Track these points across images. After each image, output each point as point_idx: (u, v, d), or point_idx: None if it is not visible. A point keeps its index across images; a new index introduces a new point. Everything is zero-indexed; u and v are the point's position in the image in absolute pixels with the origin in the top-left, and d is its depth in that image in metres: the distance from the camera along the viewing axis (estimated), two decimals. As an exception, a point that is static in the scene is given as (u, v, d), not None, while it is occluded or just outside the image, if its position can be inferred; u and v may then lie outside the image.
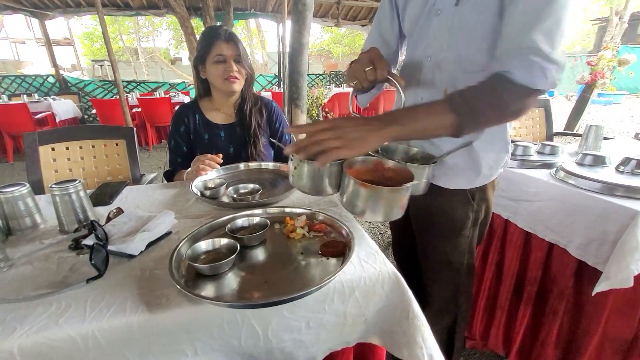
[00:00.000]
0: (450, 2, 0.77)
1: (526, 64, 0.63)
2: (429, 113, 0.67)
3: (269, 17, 7.59)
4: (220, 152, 1.30)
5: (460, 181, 0.88)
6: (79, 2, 6.41)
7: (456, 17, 0.76)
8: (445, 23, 0.79)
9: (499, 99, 0.65)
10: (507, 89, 0.65)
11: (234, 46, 1.24)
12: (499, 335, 1.34)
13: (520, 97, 0.65)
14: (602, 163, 1.17)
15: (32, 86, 7.49)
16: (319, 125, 0.62)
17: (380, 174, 0.75)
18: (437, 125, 0.66)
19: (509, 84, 0.64)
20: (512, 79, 0.64)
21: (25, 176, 1.42)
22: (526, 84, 0.63)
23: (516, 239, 1.24)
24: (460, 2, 0.75)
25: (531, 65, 0.63)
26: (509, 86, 0.64)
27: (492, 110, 0.67)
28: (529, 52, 0.63)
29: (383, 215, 0.66)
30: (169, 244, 0.74)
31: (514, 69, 0.64)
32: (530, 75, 0.63)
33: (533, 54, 0.62)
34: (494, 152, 0.87)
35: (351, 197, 0.67)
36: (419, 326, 0.64)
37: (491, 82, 0.66)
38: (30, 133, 1.43)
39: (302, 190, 0.76)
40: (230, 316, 0.57)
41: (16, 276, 0.65)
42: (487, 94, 0.66)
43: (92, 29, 17.51)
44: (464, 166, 0.87)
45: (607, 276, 0.90)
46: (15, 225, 0.83)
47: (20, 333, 0.50)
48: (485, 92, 0.66)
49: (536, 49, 0.62)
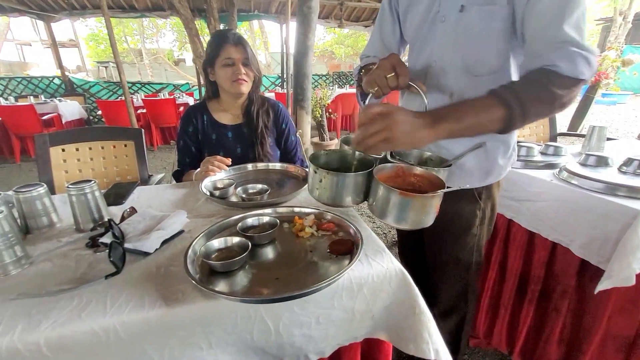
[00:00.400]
0: (455, 8, 0.79)
1: (569, 56, 0.64)
2: (479, 108, 0.66)
3: (273, 19, 7.62)
4: (227, 152, 1.33)
5: (471, 181, 0.91)
6: (84, 4, 6.47)
7: (461, 23, 0.79)
8: (450, 29, 0.81)
9: (549, 92, 0.65)
10: (556, 82, 0.65)
11: (242, 50, 1.27)
12: (502, 333, 1.35)
13: (569, 88, 0.66)
14: (605, 164, 1.18)
15: (39, 88, 7.57)
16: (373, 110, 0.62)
17: (403, 179, 0.77)
18: (489, 120, 0.66)
19: (556, 77, 0.65)
20: (558, 72, 0.64)
21: (32, 176, 1.46)
22: (573, 75, 0.64)
23: (519, 239, 1.26)
24: (464, 9, 0.77)
25: (573, 56, 0.64)
26: (557, 79, 0.65)
27: (542, 103, 0.67)
28: (567, 45, 0.64)
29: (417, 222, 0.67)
30: (182, 242, 0.77)
31: (559, 62, 0.64)
32: (575, 66, 0.64)
33: (571, 46, 0.64)
34: (507, 151, 0.90)
35: (386, 205, 0.67)
36: (425, 322, 0.66)
37: (538, 76, 0.66)
38: (41, 134, 1.46)
39: (325, 202, 0.77)
40: (243, 311, 0.60)
41: (37, 273, 0.67)
42: (536, 87, 0.66)
43: (97, 30, 17.64)
44: (477, 167, 0.89)
45: (609, 275, 0.91)
46: (33, 224, 0.86)
47: (46, 326, 0.53)
48: (534, 85, 0.66)
49: (572, 41, 0.64)
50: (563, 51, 0.65)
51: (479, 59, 0.80)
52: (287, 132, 1.48)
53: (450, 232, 0.98)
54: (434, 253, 1.04)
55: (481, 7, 0.75)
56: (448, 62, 0.84)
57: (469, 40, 0.79)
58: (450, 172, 0.90)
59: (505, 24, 0.74)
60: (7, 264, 0.66)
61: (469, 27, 0.78)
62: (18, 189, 0.85)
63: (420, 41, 0.90)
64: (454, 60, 0.83)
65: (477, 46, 0.79)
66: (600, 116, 7.96)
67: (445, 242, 1.00)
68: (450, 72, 0.84)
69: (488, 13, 0.74)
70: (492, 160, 0.90)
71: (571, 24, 0.65)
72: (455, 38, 0.81)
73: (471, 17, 0.77)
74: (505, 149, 0.90)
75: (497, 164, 0.90)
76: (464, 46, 0.80)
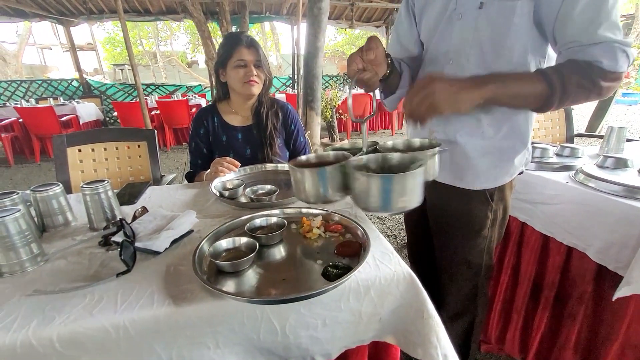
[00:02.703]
0: (474, 5, 0.77)
1: (611, 52, 0.67)
2: (525, 80, 0.70)
3: (284, 20, 7.67)
4: (237, 154, 1.34)
5: (484, 181, 0.90)
6: (102, 9, 6.66)
7: (480, 20, 0.78)
8: (468, 26, 0.80)
9: (591, 81, 0.68)
10: (599, 74, 0.68)
11: (254, 52, 1.28)
12: (515, 339, 1.32)
13: (611, 81, 0.69)
14: (624, 166, 1.14)
15: (58, 90, 7.83)
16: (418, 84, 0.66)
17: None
18: (530, 92, 0.70)
19: (599, 70, 0.67)
20: (602, 67, 0.67)
21: (50, 176, 1.50)
22: (615, 69, 0.67)
23: (533, 242, 1.23)
24: (484, 5, 0.76)
25: (615, 51, 0.66)
26: (600, 72, 0.67)
27: (583, 89, 0.69)
28: (609, 40, 0.67)
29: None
30: (192, 242, 0.78)
31: (601, 58, 0.67)
32: (616, 61, 0.67)
33: (612, 41, 0.67)
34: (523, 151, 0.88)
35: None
36: (433, 326, 0.65)
37: (584, 65, 0.68)
38: (59, 135, 1.50)
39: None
40: (250, 311, 0.60)
41: (52, 270, 0.69)
42: (580, 73, 0.68)
43: (113, 34, 18.11)
44: (492, 166, 0.88)
45: (628, 281, 0.88)
46: (49, 222, 0.88)
47: (59, 322, 0.54)
48: (579, 72, 0.68)
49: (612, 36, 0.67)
50: (605, 45, 0.67)
51: (499, 56, 0.79)
52: (296, 133, 1.48)
53: (460, 234, 0.96)
54: (444, 254, 1.03)
55: (503, 3, 0.74)
56: (465, 59, 0.83)
57: (489, 37, 0.78)
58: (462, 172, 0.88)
59: (526, 19, 0.74)
60: (24, 260, 0.68)
61: (489, 24, 0.77)
62: (35, 188, 0.88)
63: (436, 39, 0.89)
64: (471, 58, 0.82)
65: (497, 43, 0.78)
66: (620, 116, 7.70)
67: (455, 243, 0.98)
68: (467, 69, 0.83)
69: (510, 9, 0.73)
70: (507, 160, 0.88)
71: (609, 24, 0.67)
72: (474, 35, 0.79)
73: (491, 14, 0.76)
74: (521, 148, 0.88)
75: (512, 164, 0.89)
76: (483, 43, 0.79)
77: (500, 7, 0.75)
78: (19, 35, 12.09)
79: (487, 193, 0.91)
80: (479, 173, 0.89)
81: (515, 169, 0.90)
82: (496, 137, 0.85)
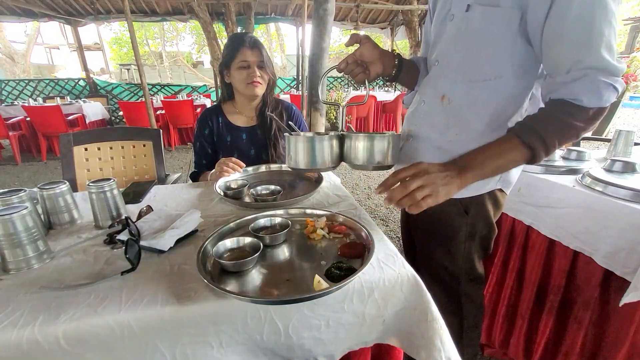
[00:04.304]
0: (462, 7, 0.76)
1: (593, 86, 0.61)
2: (502, 152, 0.68)
3: (289, 21, 7.70)
4: (241, 154, 1.34)
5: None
6: (109, 9, 6.73)
7: (464, 23, 0.76)
8: (455, 28, 0.78)
9: (571, 127, 0.64)
10: (578, 115, 0.63)
11: (258, 53, 1.28)
12: (519, 344, 1.31)
13: (593, 119, 0.64)
14: (632, 170, 1.12)
15: (65, 89, 7.90)
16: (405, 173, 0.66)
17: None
18: (511, 160, 0.68)
19: (578, 110, 0.63)
20: (581, 105, 0.62)
21: (57, 174, 1.52)
22: (597, 105, 0.62)
23: (539, 246, 1.21)
24: (470, 8, 0.74)
25: (599, 86, 0.61)
26: (579, 113, 0.63)
27: (564, 137, 0.66)
28: (594, 72, 0.61)
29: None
30: (196, 241, 0.78)
31: (582, 95, 0.62)
32: (600, 97, 0.61)
33: (598, 73, 0.61)
34: None
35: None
36: (437, 329, 0.64)
37: (559, 112, 0.65)
38: (65, 134, 1.52)
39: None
40: (253, 311, 0.60)
41: (58, 267, 0.70)
42: (557, 124, 0.65)
43: (120, 34, 18.27)
44: None
45: (636, 286, 0.87)
46: (56, 220, 0.89)
47: (64, 319, 0.54)
48: (556, 123, 0.65)
49: (599, 67, 0.60)
50: (587, 81, 0.61)
51: (474, 63, 0.76)
52: (299, 134, 1.48)
53: (435, 239, 0.94)
54: (422, 257, 1.01)
55: (484, 8, 0.71)
56: (446, 62, 0.82)
57: (468, 42, 0.76)
58: None
59: (507, 29, 0.69)
60: (30, 257, 0.69)
61: (471, 29, 0.74)
62: (42, 186, 0.89)
63: (434, 39, 0.89)
64: (451, 62, 0.81)
65: (474, 50, 0.75)
66: (627, 120, 7.63)
67: (431, 247, 0.96)
68: (448, 74, 0.82)
69: (489, 15, 0.70)
70: None
71: (599, 46, 0.60)
72: (458, 38, 0.78)
73: (474, 18, 0.73)
74: None
75: None
76: (463, 48, 0.77)
77: (481, 12, 0.72)
78: (28, 35, 12.25)
79: (462, 206, 0.87)
80: None
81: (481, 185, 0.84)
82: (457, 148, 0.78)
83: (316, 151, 0.81)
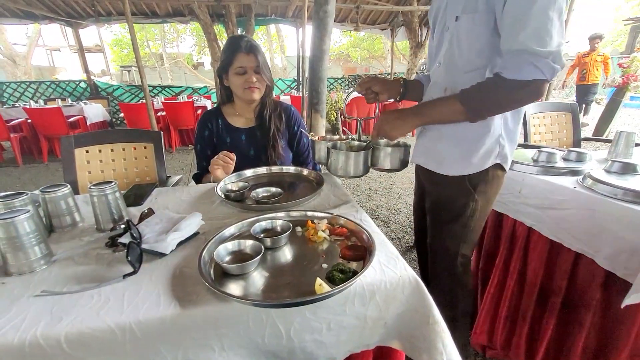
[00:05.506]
0: (453, 19, 0.93)
1: (514, 62, 0.79)
2: (444, 104, 0.93)
3: (289, 23, 7.71)
4: (241, 155, 1.35)
5: (450, 168, 1.01)
6: (109, 11, 6.75)
7: (456, 30, 0.93)
8: (450, 35, 0.96)
9: (494, 92, 0.85)
10: (500, 84, 0.82)
11: (254, 58, 1.29)
12: (520, 345, 1.30)
13: (514, 88, 0.81)
14: (633, 171, 1.12)
15: (66, 91, 7.94)
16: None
17: None
18: (451, 112, 0.91)
19: (500, 80, 0.81)
20: (502, 76, 0.80)
21: (58, 176, 1.52)
22: (515, 77, 0.79)
23: (540, 248, 1.21)
24: (459, 19, 0.91)
25: (519, 62, 0.78)
26: (501, 82, 0.81)
27: (490, 100, 0.86)
28: (519, 52, 0.78)
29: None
30: (197, 244, 0.78)
31: (504, 69, 0.80)
32: (518, 70, 0.78)
33: (522, 53, 0.78)
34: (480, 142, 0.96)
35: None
36: (439, 332, 0.64)
37: (490, 80, 0.85)
38: (67, 136, 1.52)
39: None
40: (255, 315, 0.60)
41: (59, 270, 0.70)
42: (485, 88, 0.85)
43: (120, 36, 18.33)
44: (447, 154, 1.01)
45: (637, 288, 0.86)
46: (57, 223, 0.89)
47: (66, 323, 0.54)
48: (484, 87, 0.85)
49: (524, 49, 0.77)
50: (511, 58, 0.79)
51: (467, 58, 0.93)
52: (299, 135, 1.49)
53: (441, 218, 1.08)
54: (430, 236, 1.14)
55: (468, 15, 0.89)
56: (447, 62, 0.99)
57: (460, 43, 0.93)
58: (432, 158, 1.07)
59: (486, 28, 0.87)
60: (32, 261, 0.69)
61: (461, 33, 0.92)
62: (44, 189, 0.89)
63: (435, 50, 1.06)
64: (450, 61, 0.97)
65: (466, 48, 0.93)
66: (628, 120, 7.61)
67: (438, 227, 1.10)
68: (448, 71, 0.99)
69: (472, 19, 0.88)
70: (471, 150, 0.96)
71: (527, 34, 0.76)
72: (453, 42, 0.95)
73: (462, 25, 0.91)
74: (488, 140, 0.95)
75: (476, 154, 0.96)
76: (457, 49, 0.94)
77: (467, 19, 0.89)
78: (29, 37, 12.28)
79: (469, 183, 1.00)
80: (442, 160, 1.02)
81: (482, 159, 0.97)
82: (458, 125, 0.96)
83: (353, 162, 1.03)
